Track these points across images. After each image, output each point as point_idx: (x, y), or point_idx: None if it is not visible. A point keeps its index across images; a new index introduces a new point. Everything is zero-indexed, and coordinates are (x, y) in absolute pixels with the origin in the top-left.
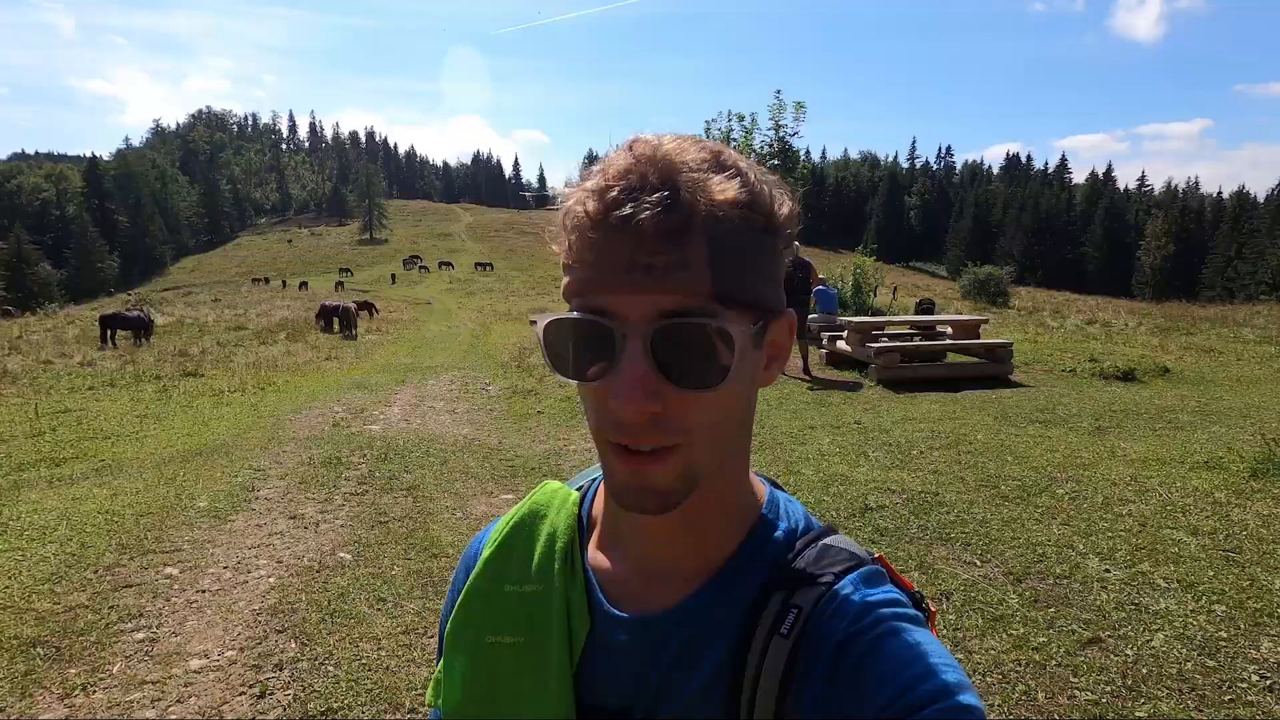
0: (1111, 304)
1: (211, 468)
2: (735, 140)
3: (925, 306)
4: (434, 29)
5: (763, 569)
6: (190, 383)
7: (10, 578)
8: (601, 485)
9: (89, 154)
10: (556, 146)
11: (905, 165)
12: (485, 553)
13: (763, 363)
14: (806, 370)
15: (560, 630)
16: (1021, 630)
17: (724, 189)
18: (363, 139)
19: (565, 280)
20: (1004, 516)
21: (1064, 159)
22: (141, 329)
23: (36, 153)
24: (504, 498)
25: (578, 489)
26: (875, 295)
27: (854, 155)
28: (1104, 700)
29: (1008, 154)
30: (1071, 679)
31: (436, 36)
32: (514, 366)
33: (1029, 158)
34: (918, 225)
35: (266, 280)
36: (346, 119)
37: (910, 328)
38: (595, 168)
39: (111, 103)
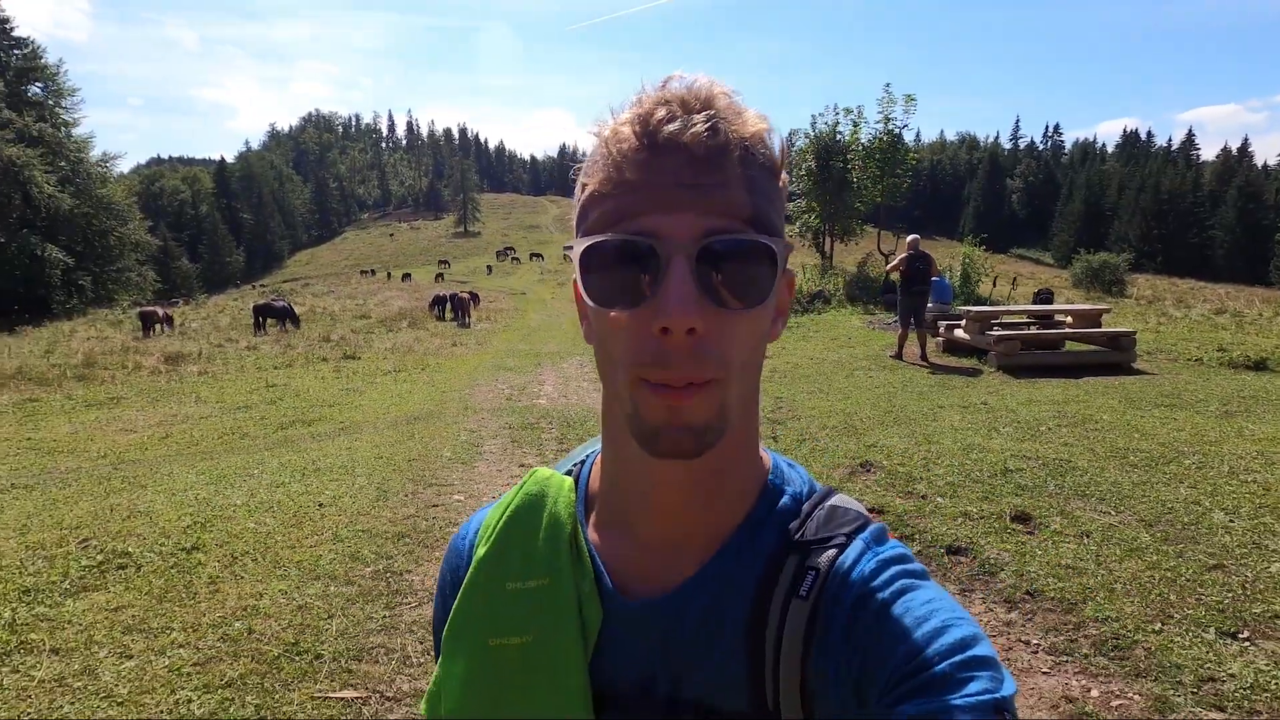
0: (1245, 292)
1: (435, 428)
2: (843, 134)
3: (1044, 296)
4: (520, 25)
5: (773, 533)
6: (353, 364)
7: (350, 498)
8: (596, 463)
9: (214, 157)
10: None
11: (1008, 146)
12: (480, 550)
13: (773, 313)
14: (924, 357)
15: (574, 622)
16: (1155, 558)
17: (755, 123)
18: (455, 135)
19: (597, 213)
20: (1134, 480)
21: (1190, 133)
22: (287, 317)
23: (170, 157)
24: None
25: (566, 473)
26: (995, 286)
27: (950, 137)
28: (1225, 602)
29: (1124, 130)
30: (1198, 589)
31: (522, 33)
32: None
33: (1149, 134)
34: (1020, 209)
35: (372, 272)
36: (440, 115)
37: (1029, 317)
38: (629, 103)
39: (223, 108)
